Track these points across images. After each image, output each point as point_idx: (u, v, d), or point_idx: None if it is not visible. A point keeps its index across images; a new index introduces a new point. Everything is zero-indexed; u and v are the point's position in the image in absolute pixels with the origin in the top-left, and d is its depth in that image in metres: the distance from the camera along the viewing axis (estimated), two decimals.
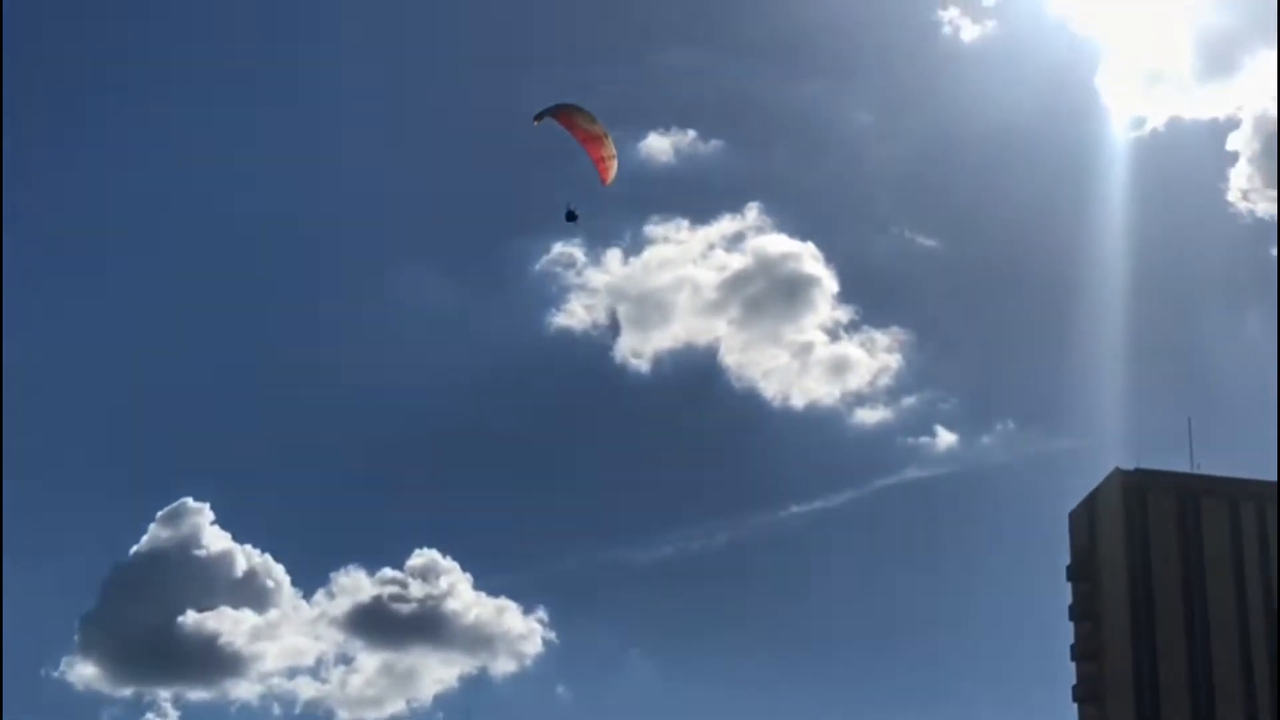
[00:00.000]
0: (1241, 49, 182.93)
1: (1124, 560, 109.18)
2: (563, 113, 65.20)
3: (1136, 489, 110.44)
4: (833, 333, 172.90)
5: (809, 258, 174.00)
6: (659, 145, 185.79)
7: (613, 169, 66.97)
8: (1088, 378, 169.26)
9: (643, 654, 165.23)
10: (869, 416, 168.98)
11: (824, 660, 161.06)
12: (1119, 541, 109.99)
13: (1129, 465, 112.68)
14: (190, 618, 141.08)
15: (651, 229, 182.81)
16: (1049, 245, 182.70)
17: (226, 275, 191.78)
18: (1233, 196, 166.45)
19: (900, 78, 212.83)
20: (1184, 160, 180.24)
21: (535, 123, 65.61)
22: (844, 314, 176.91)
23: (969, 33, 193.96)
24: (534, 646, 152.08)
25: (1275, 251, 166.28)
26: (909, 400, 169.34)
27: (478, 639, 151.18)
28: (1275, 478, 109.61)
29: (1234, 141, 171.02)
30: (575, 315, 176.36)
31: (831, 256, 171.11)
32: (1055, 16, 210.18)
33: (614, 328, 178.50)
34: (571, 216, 67.49)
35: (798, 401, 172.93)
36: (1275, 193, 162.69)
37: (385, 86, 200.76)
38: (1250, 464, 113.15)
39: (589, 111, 65.31)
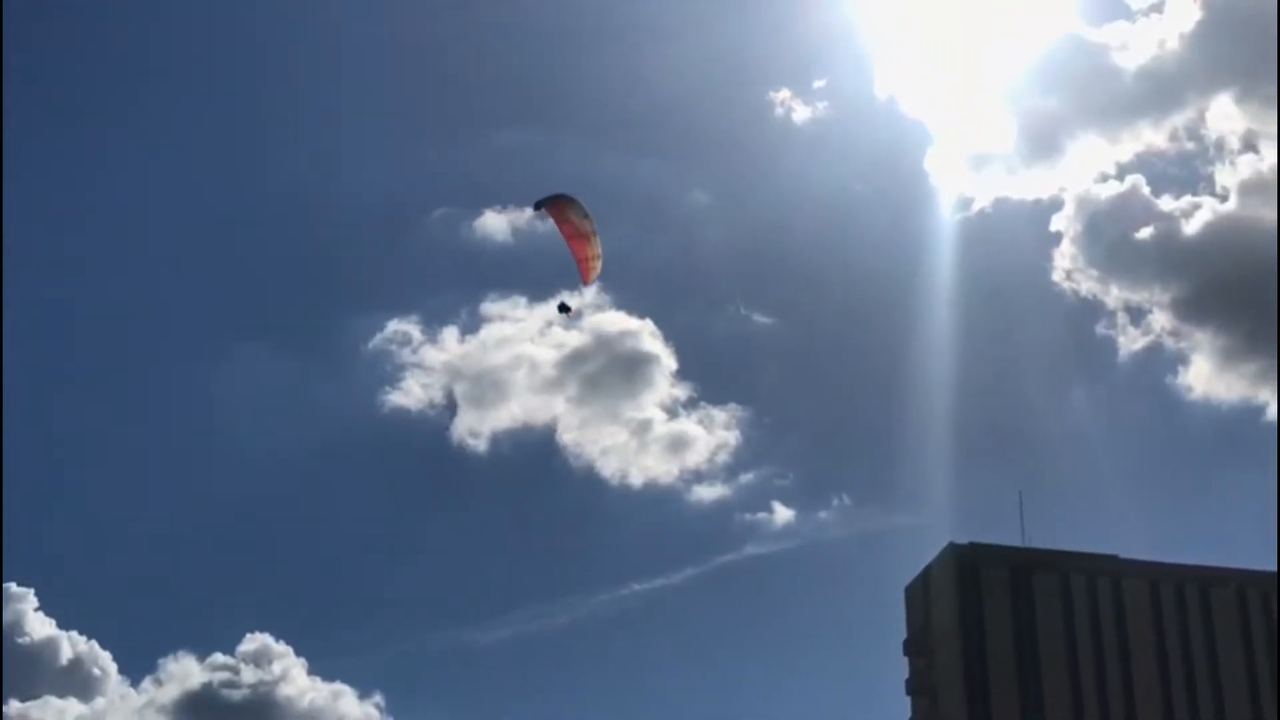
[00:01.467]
0: (1064, 132, 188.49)
1: (958, 634, 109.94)
2: (558, 204, 64.06)
3: (969, 563, 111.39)
4: (671, 410, 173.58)
5: (647, 335, 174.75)
6: (496, 223, 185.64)
7: (596, 269, 65.29)
8: (921, 454, 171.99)
9: None
10: (707, 493, 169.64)
11: None
12: (953, 615, 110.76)
13: (962, 540, 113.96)
14: (13, 708, 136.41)
15: (488, 307, 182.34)
16: (882, 323, 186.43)
17: (50, 353, 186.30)
18: (1057, 276, 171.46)
19: (735, 158, 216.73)
20: (1010, 240, 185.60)
21: (534, 211, 65.06)
22: (682, 391, 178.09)
23: (800, 114, 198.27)
24: None
25: (1100, 328, 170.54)
26: (747, 477, 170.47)
27: None
28: (1103, 549, 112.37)
29: (1057, 222, 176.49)
30: (411, 394, 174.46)
31: (669, 334, 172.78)
32: (884, 99, 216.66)
33: (451, 406, 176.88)
34: (565, 309, 67.25)
35: (636, 479, 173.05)
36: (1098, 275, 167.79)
37: (218, 163, 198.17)
38: (1079, 537, 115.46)
39: (583, 206, 63.91)
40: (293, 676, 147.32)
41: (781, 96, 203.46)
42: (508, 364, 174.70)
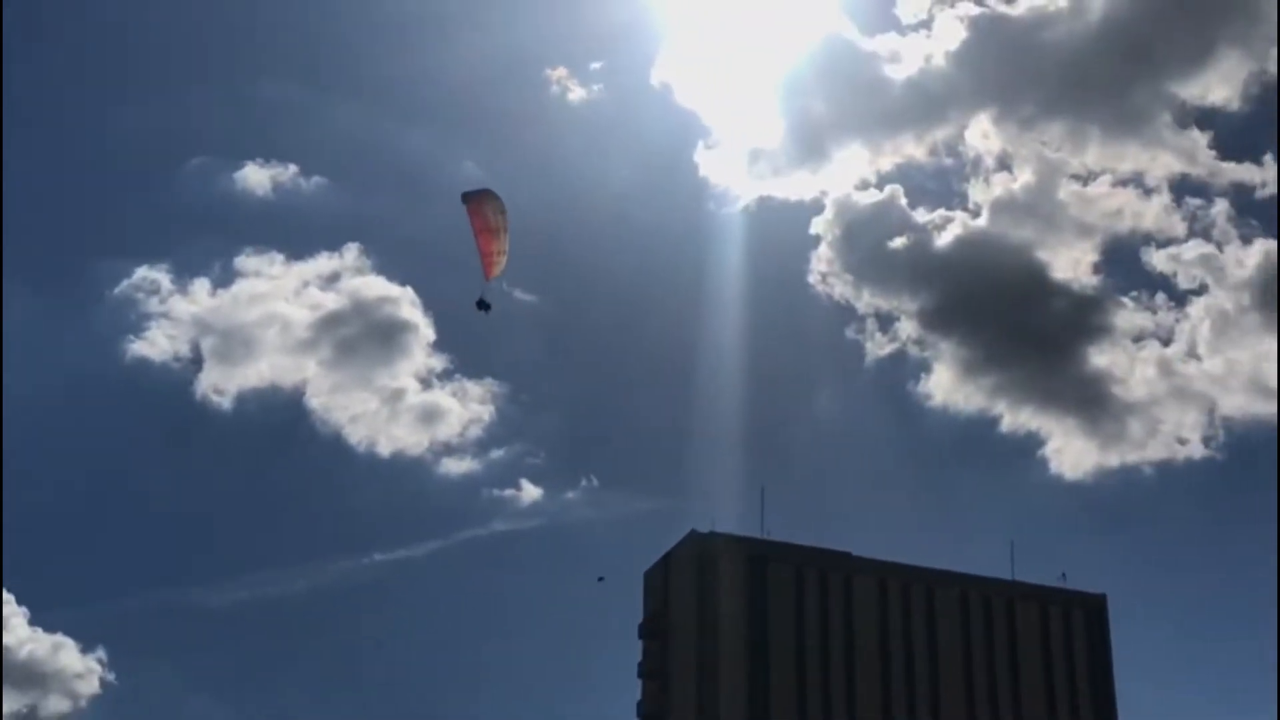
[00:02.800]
0: (830, 137, 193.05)
1: (693, 620, 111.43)
2: (479, 197, 65.09)
3: (708, 551, 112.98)
4: (425, 381, 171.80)
5: (407, 303, 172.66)
6: (257, 177, 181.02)
7: (500, 265, 65.83)
8: (670, 442, 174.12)
9: (211, 699, 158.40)
10: (456, 467, 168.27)
11: (399, 711, 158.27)
12: (690, 601, 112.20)
13: (704, 528, 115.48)
14: None
15: (243, 261, 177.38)
16: (643, 310, 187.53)
17: None
18: (813, 278, 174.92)
19: (508, 132, 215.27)
20: (771, 239, 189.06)
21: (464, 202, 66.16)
22: (438, 362, 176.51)
23: (576, 94, 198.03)
24: (90, 687, 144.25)
25: (850, 331, 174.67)
26: (497, 453, 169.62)
27: (29, 676, 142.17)
28: (838, 546, 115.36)
29: (817, 225, 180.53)
30: (156, 344, 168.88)
31: (430, 304, 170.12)
32: (659, 86, 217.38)
33: (197, 361, 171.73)
34: (483, 305, 66.19)
35: (385, 448, 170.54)
36: (852, 280, 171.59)
37: None
38: (816, 532, 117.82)
39: (501, 202, 65.32)
40: (13, 626, 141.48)
41: (558, 74, 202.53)
42: (259, 321, 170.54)
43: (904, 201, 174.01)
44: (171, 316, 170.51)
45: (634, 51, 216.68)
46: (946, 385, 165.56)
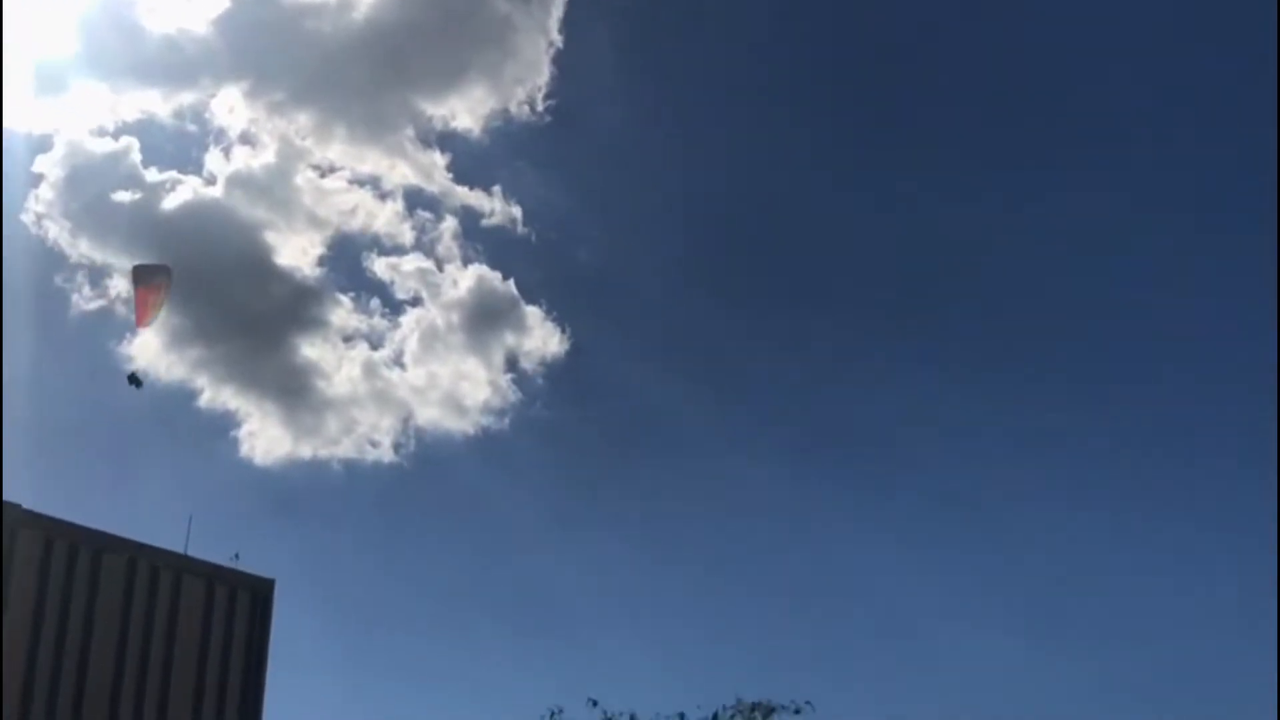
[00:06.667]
0: (76, 73, 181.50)
1: None
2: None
3: None
4: None
5: None
6: None
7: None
8: None
9: None
10: None
11: None
12: None
13: None
14: None
15: None
16: None
17: None
18: (28, 218, 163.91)
19: None
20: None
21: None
22: None
23: None
24: None
25: (59, 280, 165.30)
26: None
27: None
28: (14, 498, 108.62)
29: (42, 163, 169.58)
30: None
31: None
32: None
33: None
34: (135, 380, 68.83)
35: None
36: (70, 226, 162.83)
37: None
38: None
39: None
40: None
41: None
42: None
43: (138, 157, 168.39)
44: None
45: None
46: (152, 351, 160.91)
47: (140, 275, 67.89)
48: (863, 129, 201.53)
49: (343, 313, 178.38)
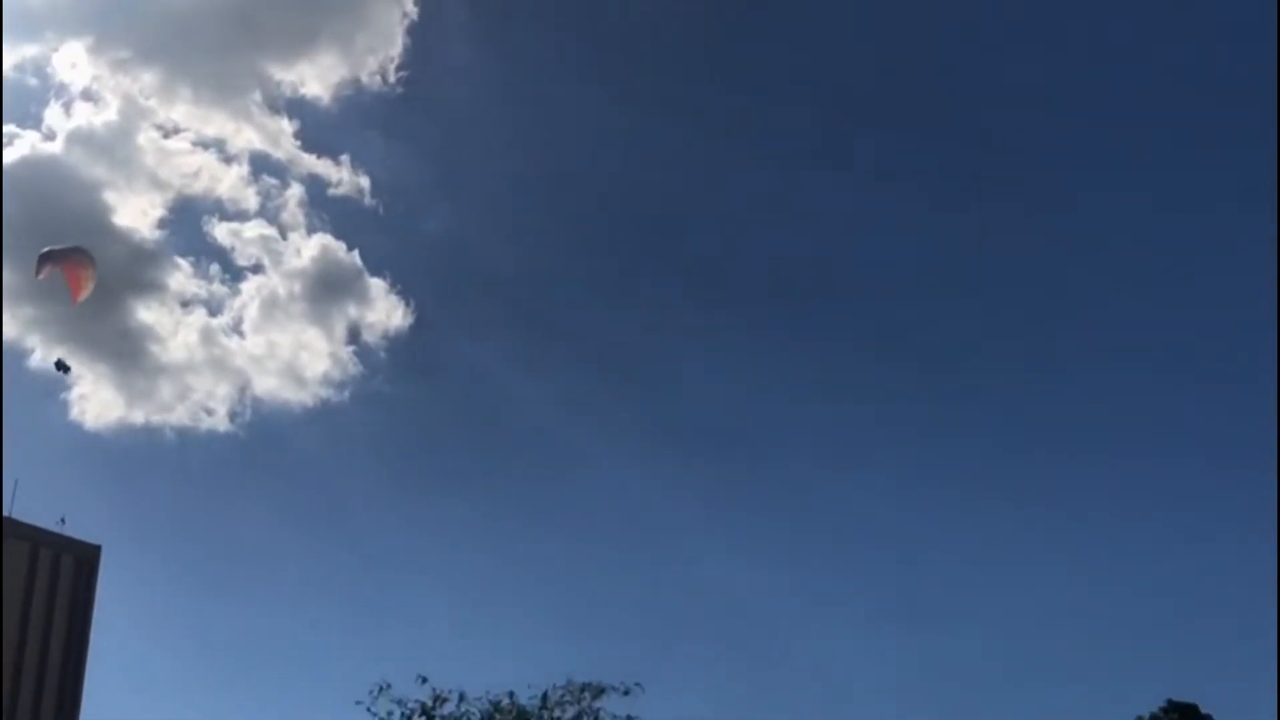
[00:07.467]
0: None
1: None
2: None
3: None
4: None
5: None
6: None
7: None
8: None
9: None
10: None
11: None
12: None
13: None
14: None
15: None
16: None
17: None
18: None
19: None
20: None
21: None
22: None
23: None
24: None
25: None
26: None
27: None
28: None
29: None
30: None
31: None
32: None
33: None
34: (62, 366, 71.51)
35: None
36: None
37: None
38: None
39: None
40: None
41: None
42: None
43: None
44: None
45: None
46: None
47: (56, 256, 68.80)
48: (710, 119, 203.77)
49: (181, 277, 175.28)
